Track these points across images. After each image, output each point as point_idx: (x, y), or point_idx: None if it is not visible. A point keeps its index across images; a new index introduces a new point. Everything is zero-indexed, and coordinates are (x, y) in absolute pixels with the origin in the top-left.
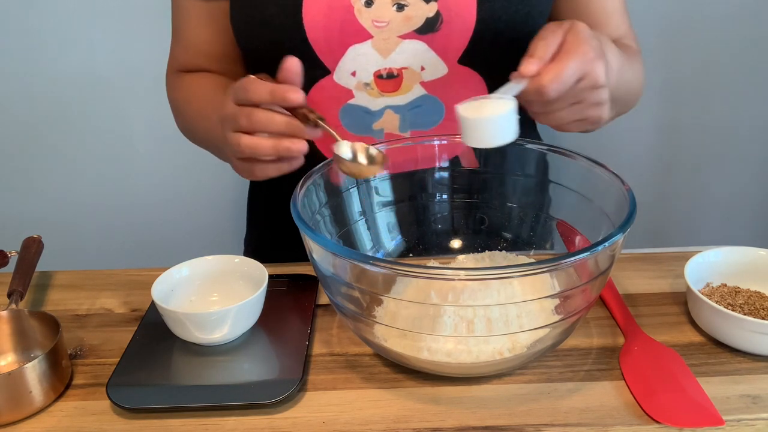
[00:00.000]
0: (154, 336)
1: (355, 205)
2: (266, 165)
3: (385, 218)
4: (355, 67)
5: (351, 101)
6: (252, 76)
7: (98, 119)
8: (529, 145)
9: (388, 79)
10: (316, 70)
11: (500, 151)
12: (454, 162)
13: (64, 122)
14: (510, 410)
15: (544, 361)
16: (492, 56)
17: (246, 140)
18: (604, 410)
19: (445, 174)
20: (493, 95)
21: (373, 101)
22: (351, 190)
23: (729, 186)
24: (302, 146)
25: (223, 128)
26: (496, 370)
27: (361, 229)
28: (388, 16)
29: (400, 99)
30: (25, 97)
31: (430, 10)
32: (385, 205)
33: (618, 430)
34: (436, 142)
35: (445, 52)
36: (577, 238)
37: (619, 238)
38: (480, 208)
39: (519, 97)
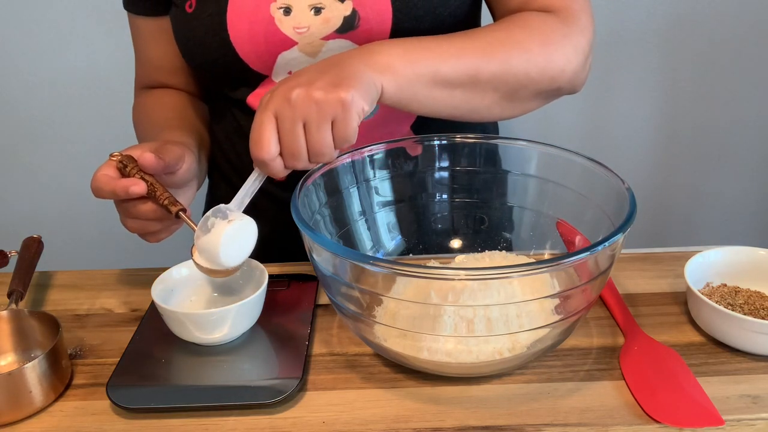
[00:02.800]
0: (154, 336)
1: (355, 205)
2: (151, 235)
3: (385, 218)
4: (290, 68)
5: None
6: (102, 171)
7: (98, 119)
8: (529, 145)
9: None
10: (254, 77)
11: (500, 151)
12: (398, 154)
13: (65, 122)
14: (510, 410)
15: (544, 361)
16: None
17: (127, 223)
18: (604, 410)
19: (445, 174)
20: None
21: None
22: (351, 189)
23: (729, 186)
24: (160, 227)
25: None
26: (496, 370)
27: (361, 229)
28: (307, 21)
29: None
30: (25, 96)
31: (346, 9)
32: (385, 205)
33: (618, 430)
34: (436, 142)
35: None
36: (577, 238)
37: (619, 238)
38: (480, 208)
39: None
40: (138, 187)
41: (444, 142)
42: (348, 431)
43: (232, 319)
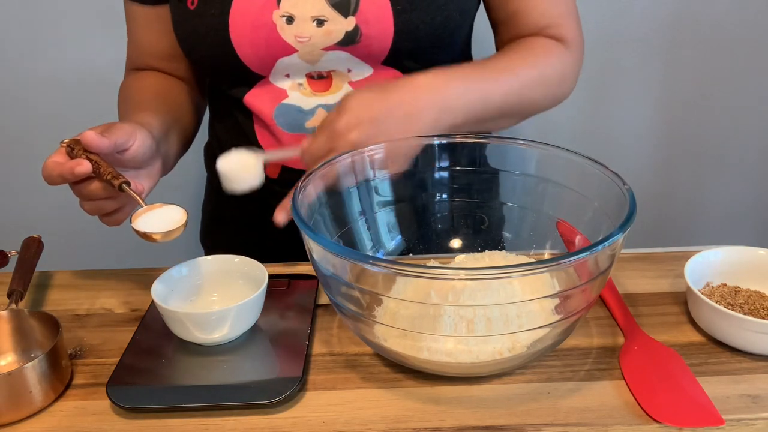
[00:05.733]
0: (154, 336)
1: (355, 205)
2: (108, 216)
3: (385, 218)
4: (288, 71)
5: (285, 101)
6: (51, 159)
7: (98, 119)
8: (529, 145)
9: (319, 80)
10: (252, 77)
11: (500, 151)
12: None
13: (64, 122)
14: (510, 410)
15: (544, 361)
16: (414, 59)
17: (84, 206)
18: (604, 410)
19: (445, 174)
20: (256, 154)
21: (306, 100)
22: (351, 189)
23: (729, 186)
24: (115, 205)
25: None
26: (496, 370)
27: (361, 229)
28: (309, 31)
29: (331, 98)
30: (25, 96)
31: (349, 24)
32: (385, 204)
33: (618, 430)
34: (436, 142)
35: (368, 58)
36: (577, 238)
37: (619, 238)
38: (480, 208)
39: None
40: (81, 167)
41: (444, 142)
42: (348, 431)
43: (232, 319)
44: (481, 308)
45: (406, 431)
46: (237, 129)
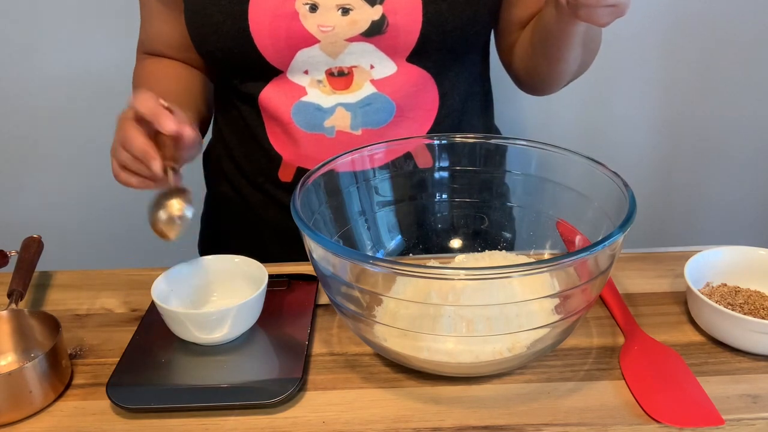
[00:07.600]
0: (154, 336)
1: (355, 205)
2: (129, 175)
3: (385, 218)
4: (307, 67)
5: (303, 98)
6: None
7: (98, 119)
8: (529, 145)
9: (340, 77)
10: (269, 71)
11: (500, 151)
12: (407, 159)
13: (64, 122)
14: (510, 410)
15: (544, 361)
16: (440, 55)
17: (120, 155)
18: (604, 410)
19: (445, 174)
20: None
21: (325, 98)
22: (351, 189)
23: (729, 186)
24: (148, 172)
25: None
26: (496, 370)
27: (361, 228)
28: (333, 20)
29: (352, 97)
30: (24, 97)
31: (375, 13)
32: (385, 204)
33: (618, 429)
34: (436, 142)
35: (393, 52)
36: (577, 238)
37: (619, 238)
38: (480, 208)
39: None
40: (168, 124)
41: (444, 142)
42: (348, 431)
43: (232, 319)
44: (481, 308)
45: (406, 431)
46: (247, 132)
